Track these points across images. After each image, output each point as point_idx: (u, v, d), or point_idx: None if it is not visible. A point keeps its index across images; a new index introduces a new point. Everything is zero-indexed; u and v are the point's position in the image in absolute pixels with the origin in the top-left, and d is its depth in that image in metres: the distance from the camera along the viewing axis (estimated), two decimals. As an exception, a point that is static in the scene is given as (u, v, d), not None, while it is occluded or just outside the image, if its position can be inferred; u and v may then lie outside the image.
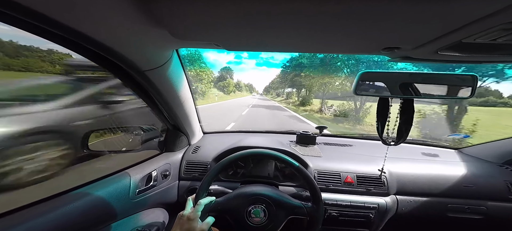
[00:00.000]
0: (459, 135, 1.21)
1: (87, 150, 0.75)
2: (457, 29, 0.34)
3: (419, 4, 0.28)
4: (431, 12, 0.30)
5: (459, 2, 0.27)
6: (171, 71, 0.70)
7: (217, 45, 0.51)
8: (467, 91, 0.50)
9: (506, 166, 0.98)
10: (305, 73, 20.26)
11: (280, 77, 49.91)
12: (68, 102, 1.71)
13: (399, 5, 0.29)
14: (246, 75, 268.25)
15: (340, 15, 0.32)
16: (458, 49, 0.40)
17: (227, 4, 0.32)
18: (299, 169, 0.69)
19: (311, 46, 0.49)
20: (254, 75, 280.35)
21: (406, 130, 0.60)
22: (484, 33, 0.33)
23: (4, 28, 0.48)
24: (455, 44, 0.38)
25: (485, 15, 0.30)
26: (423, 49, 0.43)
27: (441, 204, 0.87)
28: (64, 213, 0.55)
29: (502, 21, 0.31)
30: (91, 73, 2.10)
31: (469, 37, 0.35)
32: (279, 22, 0.36)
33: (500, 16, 0.30)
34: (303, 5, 0.31)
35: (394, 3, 0.28)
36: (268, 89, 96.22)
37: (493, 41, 0.35)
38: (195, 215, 0.59)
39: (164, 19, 0.37)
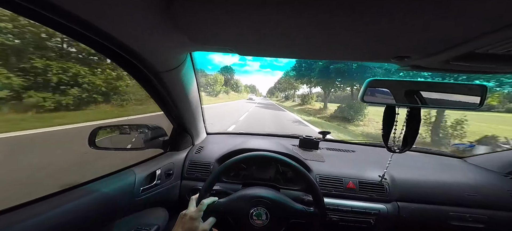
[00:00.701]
0: (463, 144, 1.21)
1: (94, 147, 0.76)
2: (470, 40, 0.34)
3: (433, 14, 0.29)
4: (445, 22, 0.30)
5: (474, 13, 0.27)
6: (184, 73, 0.71)
7: (231, 49, 0.52)
8: (475, 102, 0.50)
9: (510, 177, 0.97)
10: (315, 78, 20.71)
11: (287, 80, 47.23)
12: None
13: (413, 15, 0.29)
14: (251, 78, 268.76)
15: (353, 23, 0.33)
16: (470, 59, 0.40)
17: (244, 11, 0.33)
18: (303, 174, 0.70)
19: (323, 53, 0.50)
20: (258, 78, 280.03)
21: (411, 138, 0.61)
22: (498, 44, 0.33)
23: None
24: (468, 54, 0.38)
25: (500, 27, 0.30)
26: (434, 59, 0.43)
27: (442, 212, 0.86)
28: (70, 209, 0.56)
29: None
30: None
31: (482, 48, 0.35)
32: (293, 29, 0.37)
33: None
34: (318, 13, 0.31)
35: (408, 12, 0.29)
36: (272, 91, 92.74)
37: (507, 52, 0.35)
38: (197, 215, 0.59)
39: (185, 24, 0.39)
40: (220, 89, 40.35)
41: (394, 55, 0.45)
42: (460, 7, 0.27)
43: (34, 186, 2.09)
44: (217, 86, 39.06)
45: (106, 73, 8.41)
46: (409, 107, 0.57)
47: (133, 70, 0.60)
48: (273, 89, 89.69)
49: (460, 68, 0.46)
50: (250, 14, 0.33)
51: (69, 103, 6.75)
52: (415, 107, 0.56)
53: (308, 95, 27.64)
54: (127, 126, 0.91)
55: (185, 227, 0.57)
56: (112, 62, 0.53)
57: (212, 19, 0.35)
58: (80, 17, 0.36)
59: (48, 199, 0.56)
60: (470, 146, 1.24)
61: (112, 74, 8.46)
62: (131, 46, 0.48)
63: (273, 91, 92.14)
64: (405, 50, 0.42)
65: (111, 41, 0.45)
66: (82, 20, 0.37)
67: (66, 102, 6.66)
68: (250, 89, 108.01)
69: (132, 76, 0.62)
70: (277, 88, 74.92)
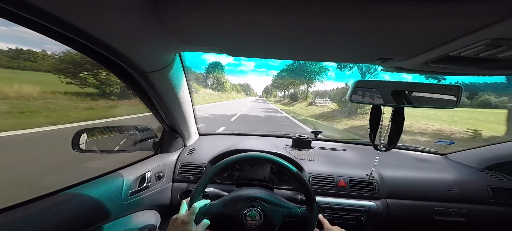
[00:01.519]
0: (445, 141, 1.29)
1: (78, 150, 0.73)
2: (444, 44, 0.37)
3: (408, 19, 0.31)
4: (420, 27, 0.32)
5: (445, 19, 0.30)
6: (172, 74, 0.70)
7: (220, 50, 0.52)
8: (452, 101, 0.53)
9: (486, 171, 1.04)
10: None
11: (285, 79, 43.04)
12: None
13: (391, 20, 0.31)
14: (245, 78, 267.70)
15: (339, 27, 0.35)
16: (446, 62, 0.43)
17: (232, 13, 0.33)
18: (295, 173, 0.71)
19: (311, 55, 0.51)
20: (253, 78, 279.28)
21: (396, 137, 0.64)
22: (469, 48, 0.36)
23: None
24: (443, 57, 0.42)
25: (468, 31, 0.32)
26: (414, 61, 0.46)
27: (428, 207, 0.91)
28: (53, 214, 0.53)
29: (484, 37, 0.34)
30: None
31: (455, 51, 0.38)
32: (281, 31, 0.37)
33: (482, 33, 0.32)
34: (304, 18, 0.32)
35: (386, 17, 0.31)
36: (269, 90, 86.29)
37: (477, 55, 0.38)
38: (189, 219, 0.58)
39: (171, 25, 0.38)
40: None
41: (378, 57, 0.48)
42: (433, 12, 0.29)
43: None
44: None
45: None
46: (394, 106, 0.60)
47: (118, 71, 0.58)
48: (271, 87, 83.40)
49: (437, 69, 0.49)
50: (237, 16, 0.34)
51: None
52: (399, 106, 0.59)
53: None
54: (115, 127, 0.88)
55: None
56: (95, 62, 0.51)
57: (198, 20, 0.35)
58: (58, 17, 0.35)
59: (28, 204, 0.53)
60: (451, 143, 1.32)
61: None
62: (114, 46, 0.47)
63: (270, 90, 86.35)
64: (388, 53, 0.45)
65: (92, 41, 0.43)
66: (60, 20, 0.35)
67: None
68: (243, 89, 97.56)
69: (117, 77, 0.60)
70: (276, 85, 67.40)
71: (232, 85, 72.16)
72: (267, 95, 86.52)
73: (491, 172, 1.04)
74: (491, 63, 0.44)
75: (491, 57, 0.38)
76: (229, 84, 57.82)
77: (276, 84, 63.00)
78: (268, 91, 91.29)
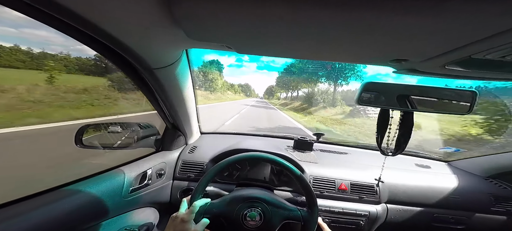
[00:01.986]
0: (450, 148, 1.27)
1: (81, 146, 0.72)
2: (468, 44, 0.34)
3: (431, 18, 0.29)
4: (443, 26, 0.30)
5: (471, 18, 0.28)
6: (179, 71, 0.69)
7: (229, 47, 0.51)
8: (465, 107, 0.52)
9: (490, 180, 1.03)
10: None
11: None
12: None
13: (411, 17, 0.29)
14: (247, 78, 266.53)
15: (352, 24, 0.33)
16: (467, 64, 0.41)
17: (244, 8, 0.32)
18: (298, 175, 0.70)
19: (321, 54, 0.50)
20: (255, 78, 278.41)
21: (404, 142, 0.62)
22: (494, 49, 0.34)
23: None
24: (464, 59, 0.39)
25: (497, 32, 0.30)
26: (431, 63, 0.44)
27: (427, 214, 0.90)
28: (54, 210, 0.53)
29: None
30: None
31: (479, 53, 0.36)
32: (292, 28, 0.36)
33: (511, 33, 0.30)
34: (317, 13, 0.31)
35: (406, 15, 0.29)
36: (271, 91, 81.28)
37: (502, 58, 0.36)
38: (189, 217, 0.57)
39: (182, 20, 0.37)
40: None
41: (392, 58, 0.46)
42: (459, 11, 0.27)
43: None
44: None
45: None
46: (403, 110, 0.58)
47: (125, 66, 0.58)
48: (275, 87, 76.16)
49: (455, 73, 0.47)
50: (249, 11, 0.33)
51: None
52: (408, 111, 0.57)
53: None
54: (117, 124, 0.88)
55: (177, 230, 0.55)
56: (101, 56, 0.50)
57: (210, 15, 0.34)
58: (69, 9, 0.34)
59: (30, 199, 0.53)
60: (456, 150, 1.30)
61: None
62: (124, 41, 0.46)
63: (272, 91, 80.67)
64: (403, 53, 0.43)
65: (102, 35, 0.42)
66: (71, 12, 0.35)
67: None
68: (242, 89, 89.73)
69: (123, 72, 0.59)
70: (281, 85, 61.37)
71: (228, 85, 62.00)
72: (269, 97, 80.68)
73: (495, 180, 1.02)
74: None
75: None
76: (222, 82, 46.14)
77: (281, 83, 58.44)
78: (270, 92, 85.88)
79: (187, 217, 0.57)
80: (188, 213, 0.58)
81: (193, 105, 0.97)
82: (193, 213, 0.59)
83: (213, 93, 35.48)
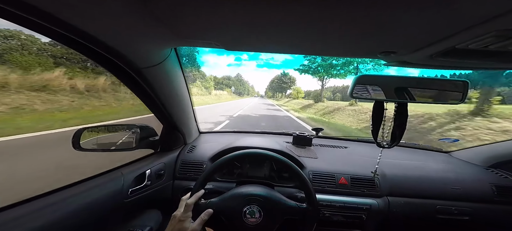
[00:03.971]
0: (449, 139, 1.26)
1: (79, 149, 0.73)
2: (451, 35, 0.35)
3: (415, 10, 0.29)
4: (426, 18, 0.31)
5: (453, 9, 0.28)
6: (168, 70, 0.69)
7: (216, 44, 0.51)
8: (458, 97, 0.51)
9: (491, 169, 1.02)
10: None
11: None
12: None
13: (396, 11, 0.30)
14: (249, 78, 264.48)
15: (340, 18, 0.33)
16: (452, 55, 0.42)
17: (227, 5, 0.32)
18: (295, 171, 0.70)
19: (311, 48, 0.50)
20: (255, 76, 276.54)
21: (399, 134, 0.62)
22: (477, 39, 0.35)
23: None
24: (449, 50, 0.40)
25: (478, 22, 0.31)
26: (419, 54, 0.44)
27: (430, 206, 0.89)
28: (51, 213, 0.53)
29: (493, 28, 0.32)
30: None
31: (462, 44, 0.37)
32: (279, 24, 0.36)
33: (492, 23, 0.31)
34: (305, 7, 0.31)
35: (391, 8, 0.29)
36: (274, 88, 70.01)
37: (486, 48, 0.36)
38: (185, 216, 0.58)
39: (164, 18, 0.37)
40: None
41: (380, 51, 0.46)
42: (439, 3, 0.28)
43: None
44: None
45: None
46: (396, 102, 0.58)
47: (112, 67, 0.57)
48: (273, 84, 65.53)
49: (443, 63, 0.47)
50: (233, 8, 0.32)
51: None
52: (402, 102, 0.57)
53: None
54: (114, 126, 0.88)
55: (175, 229, 0.56)
56: (90, 59, 0.50)
57: (193, 13, 0.34)
58: (48, 13, 0.34)
59: (26, 203, 0.53)
60: (455, 141, 1.30)
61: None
62: (107, 41, 0.46)
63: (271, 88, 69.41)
64: (391, 46, 0.43)
65: (83, 37, 0.42)
66: (50, 16, 0.35)
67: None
68: (234, 85, 67.20)
69: (112, 74, 0.59)
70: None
71: (215, 79, 46.98)
72: (273, 95, 70.06)
73: (496, 170, 1.01)
74: (501, 56, 0.42)
75: (501, 50, 0.36)
76: (209, 78, 39.02)
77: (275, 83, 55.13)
78: (274, 89, 74.39)
79: (183, 216, 0.58)
80: (183, 212, 0.59)
81: (188, 104, 0.97)
82: (189, 211, 0.60)
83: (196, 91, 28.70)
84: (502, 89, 9.26)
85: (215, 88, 48.81)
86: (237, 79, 73.84)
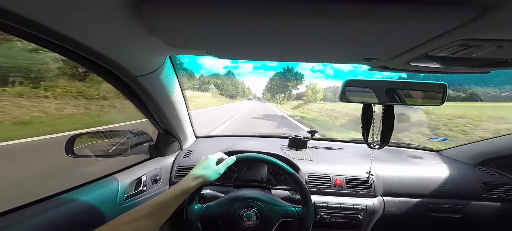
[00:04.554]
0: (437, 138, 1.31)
1: (73, 155, 0.72)
2: (422, 44, 0.39)
3: (388, 21, 0.33)
4: (399, 28, 0.34)
5: (420, 21, 0.32)
6: (163, 77, 0.70)
7: (209, 53, 0.53)
8: (438, 98, 0.55)
9: (479, 167, 1.06)
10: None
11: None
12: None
13: (373, 21, 0.33)
14: (245, 80, 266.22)
15: (327, 28, 0.36)
16: (426, 61, 0.45)
17: (217, 17, 0.33)
18: (289, 173, 0.71)
19: (298, 56, 0.52)
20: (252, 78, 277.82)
21: (388, 134, 0.65)
22: (444, 47, 0.39)
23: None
24: (423, 56, 0.43)
25: (442, 32, 0.35)
26: (397, 60, 0.48)
27: (424, 204, 0.91)
28: (45, 220, 0.52)
29: (455, 38, 0.36)
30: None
31: (433, 51, 0.40)
32: (268, 33, 0.38)
33: (453, 34, 0.35)
34: (291, 18, 0.33)
35: (368, 19, 0.32)
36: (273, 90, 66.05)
37: (453, 55, 0.41)
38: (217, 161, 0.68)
39: (156, 28, 0.38)
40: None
41: (363, 57, 0.49)
42: (408, 15, 0.31)
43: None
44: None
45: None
46: (384, 105, 0.61)
47: (107, 75, 0.58)
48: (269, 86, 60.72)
49: (419, 69, 0.51)
50: (223, 19, 0.34)
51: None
52: (389, 105, 0.60)
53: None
54: (109, 132, 0.88)
55: (200, 166, 0.66)
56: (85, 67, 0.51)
57: (183, 23, 0.36)
58: (39, 23, 0.35)
59: (19, 210, 0.52)
60: (443, 139, 1.34)
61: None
62: (99, 51, 0.47)
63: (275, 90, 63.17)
64: (372, 53, 0.47)
65: (76, 46, 0.43)
66: (42, 26, 0.36)
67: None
68: (223, 85, 57.51)
69: (107, 82, 0.59)
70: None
71: (200, 79, 37.67)
72: (272, 97, 63.54)
73: (483, 167, 1.05)
74: (468, 61, 0.46)
75: (465, 57, 0.40)
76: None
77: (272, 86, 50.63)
78: (273, 90, 70.81)
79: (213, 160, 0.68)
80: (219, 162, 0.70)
81: (184, 110, 0.98)
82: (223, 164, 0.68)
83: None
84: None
85: (199, 89, 40.38)
86: (228, 77, 59.96)
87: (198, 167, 0.65)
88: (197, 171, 0.62)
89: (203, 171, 0.63)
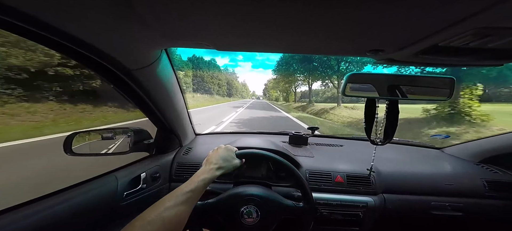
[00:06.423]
0: (440, 135, 1.30)
1: (71, 154, 0.72)
2: (433, 34, 0.37)
3: (397, 9, 0.30)
4: (409, 17, 0.32)
5: (432, 8, 0.29)
6: (160, 71, 0.68)
7: (207, 45, 0.51)
8: (445, 93, 0.53)
9: (481, 165, 1.04)
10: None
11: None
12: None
13: (381, 9, 0.31)
14: (243, 77, 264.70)
15: (330, 18, 0.34)
16: (436, 52, 0.43)
17: (215, 5, 0.32)
18: (291, 169, 0.70)
19: (300, 48, 0.50)
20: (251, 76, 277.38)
21: (392, 130, 0.63)
22: (457, 37, 0.36)
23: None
24: (432, 47, 0.41)
25: (457, 20, 0.32)
26: (405, 52, 0.46)
27: (425, 202, 0.90)
28: (43, 218, 0.52)
29: (472, 26, 0.33)
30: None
31: (444, 41, 0.38)
32: (269, 23, 0.36)
33: (470, 21, 0.32)
34: (294, 7, 0.31)
35: (375, 7, 0.30)
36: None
37: (466, 45, 0.38)
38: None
39: (152, 20, 0.37)
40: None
41: (369, 49, 0.47)
42: (420, 2, 0.29)
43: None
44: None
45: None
46: (388, 100, 0.59)
47: (101, 70, 0.56)
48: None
49: (427, 61, 0.49)
50: (221, 8, 0.32)
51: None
52: (393, 100, 0.58)
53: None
54: (107, 130, 0.87)
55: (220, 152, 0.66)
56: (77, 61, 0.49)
57: (181, 14, 0.34)
58: (29, 15, 0.33)
59: (16, 209, 0.51)
60: (446, 137, 1.33)
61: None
62: (93, 44, 0.45)
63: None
64: (378, 44, 0.44)
65: (69, 39, 0.41)
66: (34, 18, 0.34)
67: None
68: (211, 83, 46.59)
69: (102, 77, 0.57)
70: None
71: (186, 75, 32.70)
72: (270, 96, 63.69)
73: (486, 165, 1.03)
74: (481, 53, 0.43)
75: (480, 47, 0.38)
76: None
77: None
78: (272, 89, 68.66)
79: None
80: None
81: (182, 106, 0.96)
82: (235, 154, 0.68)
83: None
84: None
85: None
86: (211, 74, 44.75)
87: (221, 157, 0.64)
88: (221, 162, 0.63)
89: (225, 163, 0.63)
